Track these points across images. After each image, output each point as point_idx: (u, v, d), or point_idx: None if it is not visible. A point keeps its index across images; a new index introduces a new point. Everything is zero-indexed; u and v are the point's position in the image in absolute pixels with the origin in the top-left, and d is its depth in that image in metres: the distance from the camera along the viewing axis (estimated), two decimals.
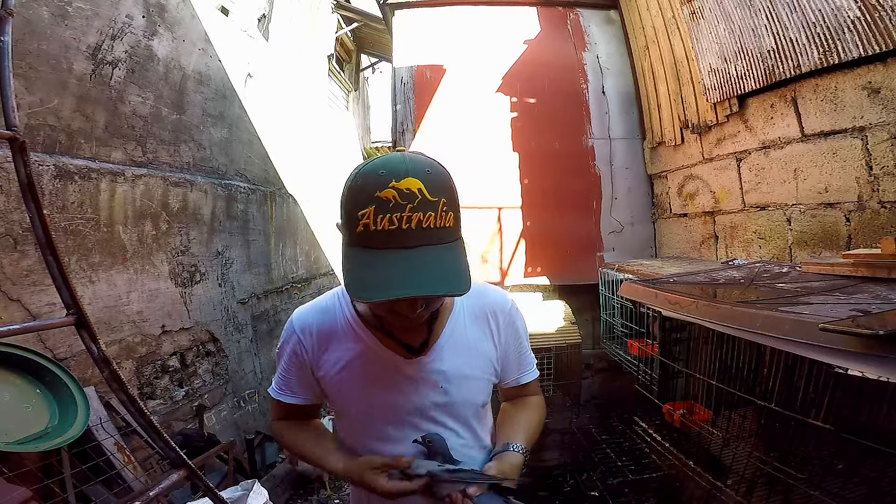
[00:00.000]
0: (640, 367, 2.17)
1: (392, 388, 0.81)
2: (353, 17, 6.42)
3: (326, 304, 0.87)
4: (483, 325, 0.87)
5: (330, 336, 0.83)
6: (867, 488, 1.22)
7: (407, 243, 0.63)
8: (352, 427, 0.86)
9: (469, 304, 0.88)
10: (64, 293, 1.11)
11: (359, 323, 0.83)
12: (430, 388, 0.82)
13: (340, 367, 0.82)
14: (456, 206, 0.68)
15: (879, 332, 0.76)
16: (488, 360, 0.87)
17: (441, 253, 0.65)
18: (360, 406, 0.83)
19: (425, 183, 0.63)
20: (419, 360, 0.81)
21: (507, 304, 0.91)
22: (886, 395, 1.14)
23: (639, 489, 2.20)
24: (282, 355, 0.88)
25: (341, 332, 0.83)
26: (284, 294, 4.15)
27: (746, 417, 1.57)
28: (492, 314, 0.88)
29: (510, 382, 0.94)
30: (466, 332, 0.85)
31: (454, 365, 0.83)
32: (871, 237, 1.75)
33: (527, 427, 0.91)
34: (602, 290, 2.77)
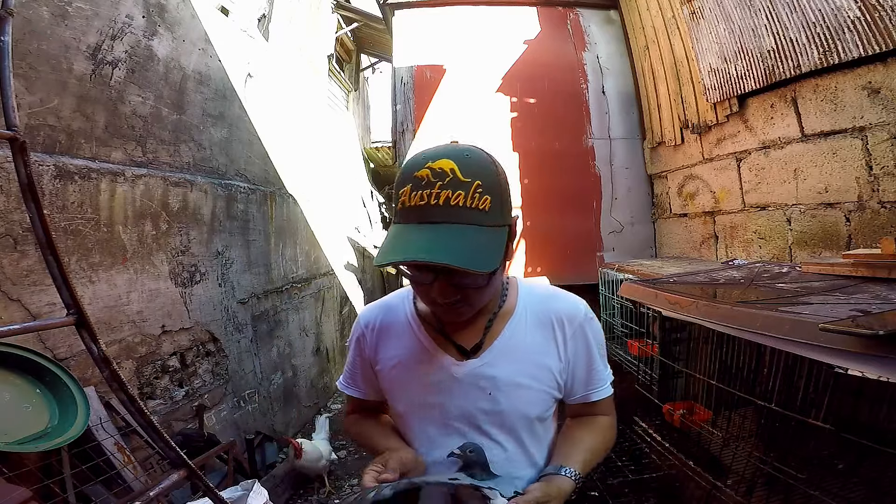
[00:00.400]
0: (640, 367, 2.17)
1: (439, 389, 0.79)
2: (353, 17, 6.42)
3: (392, 301, 0.90)
4: (547, 333, 0.81)
5: (389, 332, 0.86)
6: (867, 488, 1.22)
7: (432, 218, 0.64)
8: (401, 424, 0.87)
9: (534, 308, 0.83)
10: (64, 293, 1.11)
11: (417, 322, 0.84)
12: (478, 393, 0.78)
13: (394, 364, 0.83)
14: (497, 192, 0.67)
15: (879, 332, 0.76)
16: (548, 370, 0.80)
17: (466, 231, 0.64)
18: (407, 405, 0.83)
19: (459, 164, 0.65)
20: (469, 364, 0.78)
21: (578, 312, 0.84)
22: (886, 395, 1.14)
23: (639, 489, 2.20)
24: (350, 350, 0.91)
25: (401, 329, 0.85)
26: (284, 294, 4.15)
27: (746, 417, 1.57)
28: (558, 321, 0.81)
29: (576, 399, 0.85)
30: (526, 339, 0.80)
31: (507, 372, 0.77)
32: (871, 237, 1.75)
33: (587, 449, 0.81)
34: (602, 290, 2.77)
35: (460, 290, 0.69)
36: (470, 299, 0.71)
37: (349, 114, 7.12)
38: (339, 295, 5.62)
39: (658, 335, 1.98)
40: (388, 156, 7.88)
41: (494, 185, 0.67)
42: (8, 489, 1.27)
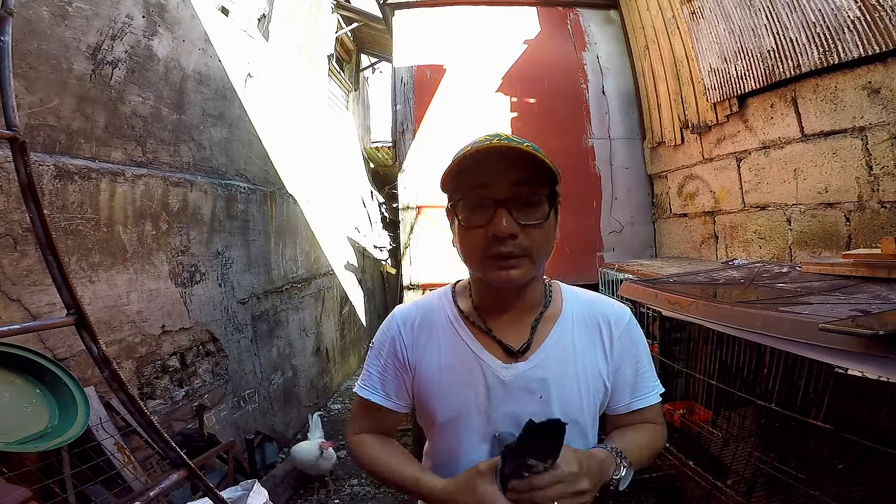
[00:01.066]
0: None
1: (487, 393, 0.74)
2: (353, 17, 6.42)
3: (429, 301, 0.84)
4: (594, 334, 0.79)
5: (430, 332, 0.80)
6: (867, 488, 1.22)
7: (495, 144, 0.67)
8: (440, 437, 0.78)
9: (581, 311, 0.81)
10: (64, 293, 1.11)
11: (460, 321, 0.79)
12: (528, 397, 0.73)
13: (436, 366, 0.77)
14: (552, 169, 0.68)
15: (879, 332, 0.76)
16: (597, 373, 0.77)
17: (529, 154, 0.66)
18: (451, 411, 0.75)
19: (511, 137, 0.69)
20: (518, 366, 0.74)
21: (625, 315, 0.82)
22: (886, 395, 1.14)
23: (639, 489, 2.20)
24: (377, 350, 0.82)
25: (441, 329, 0.79)
26: (284, 294, 4.15)
27: (746, 417, 1.57)
28: (605, 323, 0.80)
29: (622, 407, 0.80)
30: (574, 340, 0.77)
31: (558, 374, 0.74)
32: (871, 237, 1.75)
33: (633, 441, 0.77)
34: (602, 290, 2.77)
35: (521, 227, 0.67)
36: (528, 242, 0.68)
37: (349, 114, 7.12)
38: (339, 295, 5.62)
39: (658, 335, 1.98)
40: (388, 156, 7.87)
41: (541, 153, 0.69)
42: (8, 489, 1.27)
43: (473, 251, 0.71)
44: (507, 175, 0.67)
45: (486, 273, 0.71)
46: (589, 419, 0.77)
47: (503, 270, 0.69)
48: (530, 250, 0.69)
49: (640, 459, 0.76)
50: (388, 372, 0.81)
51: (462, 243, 0.73)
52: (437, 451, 0.80)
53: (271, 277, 3.95)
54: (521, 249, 0.68)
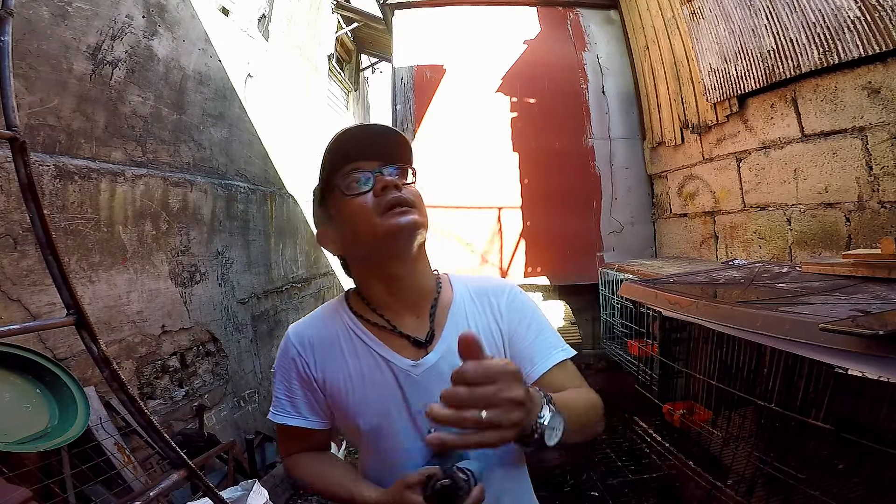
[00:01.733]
0: (640, 367, 2.17)
1: (402, 392, 0.75)
2: (353, 17, 6.42)
3: (323, 314, 0.83)
4: (486, 313, 0.82)
5: (332, 346, 0.78)
6: (867, 488, 1.22)
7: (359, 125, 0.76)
8: (369, 444, 0.77)
9: (469, 294, 0.84)
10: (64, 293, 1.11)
11: (359, 326, 0.79)
12: (441, 387, 0.73)
13: (344, 377, 0.76)
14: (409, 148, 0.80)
15: (879, 332, 0.76)
16: (497, 348, 0.79)
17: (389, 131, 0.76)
18: (373, 418, 0.75)
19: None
20: (427, 359, 0.75)
21: (506, 286, 0.86)
22: (886, 395, 1.14)
23: (639, 489, 2.20)
24: (281, 375, 0.81)
25: (343, 340, 0.78)
26: (284, 294, 4.15)
27: (746, 417, 1.57)
28: (492, 297, 0.83)
29: (531, 373, 0.77)
30: (469, 322, 0.80)
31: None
32: (871, 237, 1.75)
33: (562, 395, 0.69)
34: (602, 290, 2.77)
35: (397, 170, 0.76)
36: (410, 195, 0.74)
37: (349, 114, 7.12)
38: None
39: (658, 335, 1.98)
40: None
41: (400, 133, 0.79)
42: (8, 489, 1.27)
43: (365, 214, 0.72)
44: (373, 148, 0.76)
45: (386, 224, 0.71)
46: None
47: (402, 216, 0.71)
48: (415, 203, 0.74)
49: (568, 407, 0.64)
50: (297, 393, 0.79)
51: (353, 216, 0.74)
52: (369, 458, 0.78)
53: (271, 277, 3.95)
54: (408, 201, 0.73)
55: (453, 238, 3.21)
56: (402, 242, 0.73)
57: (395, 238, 0.72)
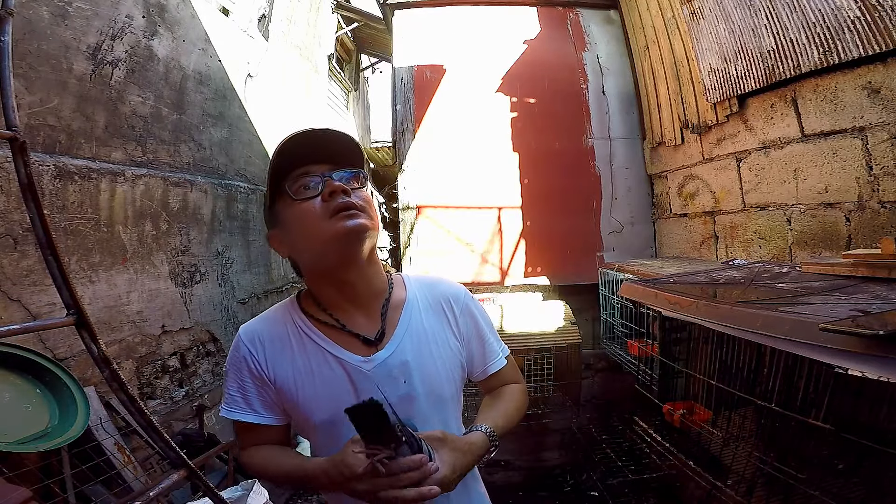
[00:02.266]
0: (640, 367, 2.17)
1: (353, 388, 0.76)
2: (353, 17, 6.42)
3: (274, 314, 0.85)
4: (440, 315, 0.86)
5: (282, 344, 0.80)
6: (867, 488, 1.22)
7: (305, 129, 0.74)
8: (319, 442, 0.80)
9: (422, 295, 0.87)
10: (64, 293, 1.11)
11: (310, 326, 0.80)
12: (392, 383, 0.77)
13: (294, 375, 0.78)
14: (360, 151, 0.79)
15: (879, 332, 0.76)
16: (449, 349, 0.84)
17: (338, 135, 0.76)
18: (323, 415, 0.76)
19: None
20: (378, 355, 0.78)
21: (460, 292, 0.90)
22: (886, 395, 1.14)
23: (639, 489, 2.20)
24: (234, 373, 0.81)
25: (294, 338, 0.80)
26: (284, 294, 4.15)
27: (746, 417, 1.57)
28: (446, 303, 0.87)
29: (479, 375, 0.90)
30: (424, 322, 0.83)
31: (416, 356, 0.79)
32: (871, 237, 1.75)
33: (500, 411, 0.87)
34: (602, 290, 2.77)
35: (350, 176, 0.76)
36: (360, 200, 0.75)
37: (349, 114, 7.12)
38: None
39: (658, 335, 1.98)
40: (388, 156, 7.87)
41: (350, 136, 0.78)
42: (8, 489, 1.27)
43: (313, 218, 0.73)
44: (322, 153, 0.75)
45: (333, 228, 0.72)
46: (451, 395, 0.83)
47: (350, 220, 0.72)
48: (365, 207, 0.75)
49: (509, 425, 0.86)
50: (249, 390, 0.80)
51: (302, 220, 0.74)
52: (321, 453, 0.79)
53: (271, 277, 3.95)
54: (357, 206, 0.74)
55: (453, 238, 3.21)
56: (351, 246, 0.74)
57: (343, 242, 0.73)
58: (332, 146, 0.76)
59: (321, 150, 0.75)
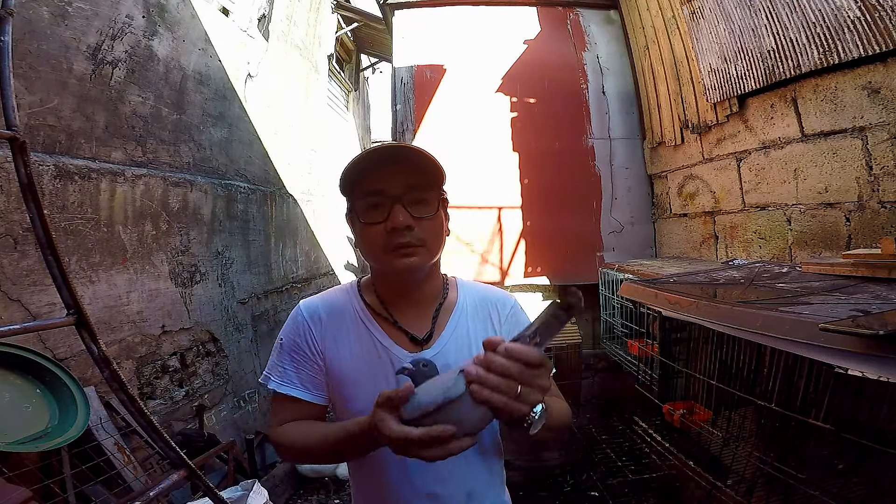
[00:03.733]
0: (640, 367, 2.17)
1: (396, 381, 0.77)
2: (353, 17, 6.41)
3: (335, 295, 0.87)
4: (485, 321, 0.87)
5: (339, 324, 0.82)
6: (867, 488, 1.22)
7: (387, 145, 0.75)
8: None
9: (473, 301, 0.88)
10: (64, 293, 1.11)
11: (366, 314, 0.83)
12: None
13: (347, 356, 0.80)
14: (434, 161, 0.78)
15: (879, 332, 0.76)
16: None
17: (416, 152, 0.75)
18: (362, 404, 0.77)
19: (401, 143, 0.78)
20: (426, 354, 0.79)
21: (509, 300, 0.91)
22: (886, 395, 1.14)
23: (639, 489, 2.20)
24: (287, 344, 0.82)
25: (350, 321, 0.82)
26: (285, 294, 4.15)
27: (746, 417, 1.57)
28: (493, 308, 0.88)
29: None
30: (470, 327, 0.85)
31: (457, 360, 0.80)
32: (871, 237, 1.75)
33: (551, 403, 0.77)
34: (602, 290, 2.77)
35: (415, 219, 0.75)
36: (422, 234, 0.75)
37: (349, 114, 7.12)
38: None
39: (658, 335, 1.97)
40: None
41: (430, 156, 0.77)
42: (8, 489, 1.27)
43: (375, 245, 0.76)
44: (399, 174, 0.75)
45: (389, 263, 0.76)
46: None
47: (404, 258, 0.75)
48: (425, 241, 0.76)
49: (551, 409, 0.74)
50: (301, 364, 0.81)
51: (364, 240, 0.77)
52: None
53: (271, 277, 3.95)
54: (417, 240, 0.75)
55: (453, 238, 3.21)
56: (404, 278, 0.79)
57: (397, 275, 0.78)
58: (408, 168, 0.76)
59: (396, 172, 0.75)
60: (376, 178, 0.75)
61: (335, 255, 5.55)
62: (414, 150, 0.75)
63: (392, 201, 0.74)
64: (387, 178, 0.75)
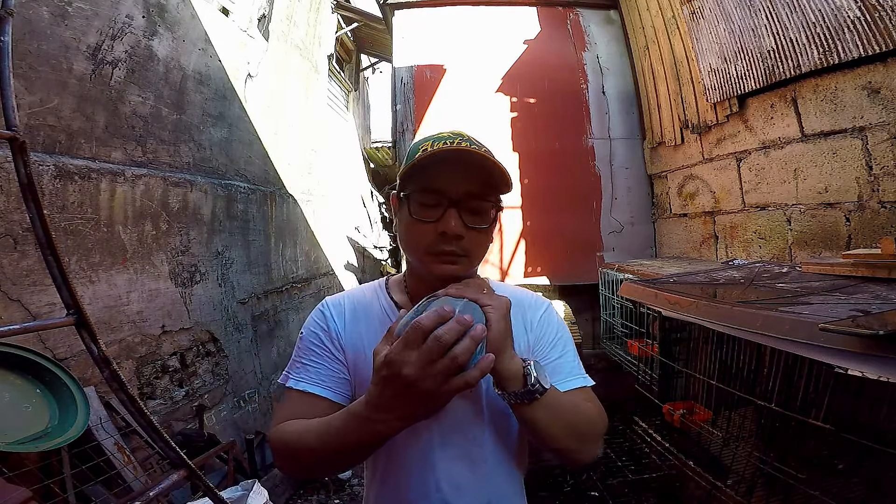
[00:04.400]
0: (640, 367, 2.17)
1: None
2: (353, 17, 6.42)
3: (361, 292, 0.86)
4: (518, 319, 0.81)
5: (366, 321, 0.80)
6: (867, 488, 1.22)
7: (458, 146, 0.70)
8: None
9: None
10: (64, 293, 1.11)
11: (395, 311, 0.80)
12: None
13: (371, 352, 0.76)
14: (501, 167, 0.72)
15: (879, 332, 0.76)
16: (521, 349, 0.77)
17: (487, 160, 0.70)
18: None
19: (471, 140, 0.74)
20: None
21: (543, 302, 0.89)
22: (886, 395, 1.14)
23: (639, 489, 2.20)
24: (307, 338, 0.79)
25: (377, 319, 0.80)
26: (284, 294, 4.15)
27: (746, 417, 1.57)
28: (530, 307, 0.86)
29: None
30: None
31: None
32: (871, 237, 1.75)
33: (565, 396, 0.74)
34: (602, 290, 2.77)
35: (467, 229, 0.71)
36: (470, 245, 0.72)
37: (349, 114, 7.12)
38: None
39: (658, 335, 1.97)
40: (388, 156, 7.88)
41: (499, 164, 0.73)
42: (8, 489, 1.27)
43: (419, 244, 0.73)
44: (463, 178, 0.71)
45: (429, 265, 0.73)
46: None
47: (446, 265, 0.72)
48: (471, 251, 0.74)
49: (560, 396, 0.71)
50: (323, 360, 0.77)
51: (409, 234, 0.75)
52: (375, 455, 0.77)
53: (271, 277, 3.95)
54: (463, 250, 0.72)
55: None
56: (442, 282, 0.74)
57: (435, 278, 0.74)
58: (473, 173, 0.71)
59: (460, 173, 0.71)
60: (438, 176, 0.71)
61: (335, 255, 5.55)
62: (485, 157, 0.70)
63: (449, 204, 0.71)
64: (449, 179, 0.71)
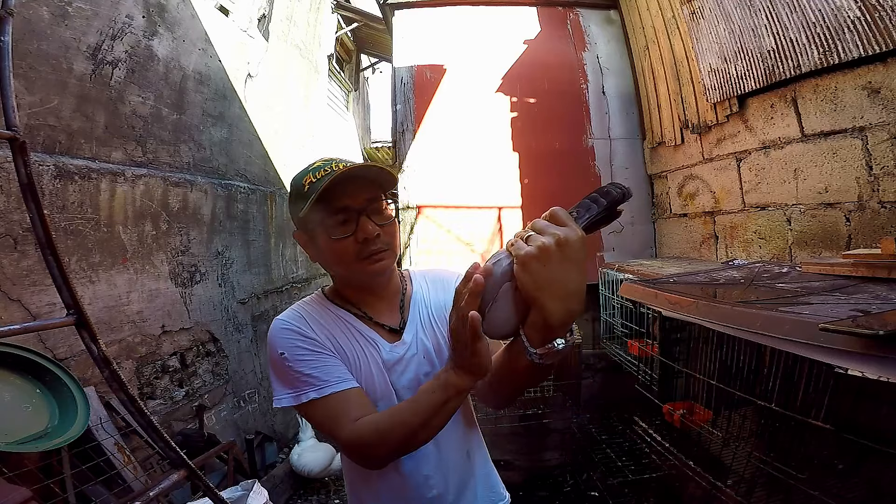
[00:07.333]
0: (640, 367, 2.17)
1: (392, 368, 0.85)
2: (353, 17, 6.41)
3: (305, 304, 0.91)
4: (438, 290, 0.96)
5: (324, 322, 0.86)
6: (867, 488, 1.22)
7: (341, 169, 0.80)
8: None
9: (425, 284, 0.98)
10: (64, 293, 1.11)
11: (346, 313, 0.88)
12: (417, 363, 0.86)
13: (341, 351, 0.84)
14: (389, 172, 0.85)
15: (879, 332, 0.76)
16: (446, 316, 0.90)
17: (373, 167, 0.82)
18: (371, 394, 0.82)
19: (343, 160, 0.85)
20: (406, 339, 0.88)
21: (456, 273, 0.98)
22: (886, 395, 1.14)
23: (639, 489, 2.20)
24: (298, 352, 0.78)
25: (332, 321, 0.87)
26: (284, 294, 4.15)
27: (746, 417, 1.57)
28: (447, 280, 0.98)
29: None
30: (431, 303, 0.94)
31: (432, 337, 0.89)
32: (871, 237, 1.75)
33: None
34: (602, 290, 2.77)
35: (380, 227, 0.81)
36: (388, 238, 0.83)
37: (349, 114, 7.12)
38: None
39: (658, 335, 1.97)
40: (388, 156, 7.87)
41: (382, 167, 0.84)
42: (8, 489, 1.27)
43: (347, 256, 0.82)
44: (359, 190, 0.81)
45: (364, 269, 0.83)
46: None
47: (378, 263, 0.83)
48: (391, 243, 0.85)
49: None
50: (329, 360, 0.80)
51: (334, 253, 0.82)
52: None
53: (271, 277, 3.95)
54: (385, 244, 0.83)
55: (453, 238, 3.21)
56: (378, 280, 0.88)
57: (372, 279, 0.86)
58: (367, 182, 0.83)
59: (357, 186, 0.81)
60: (338, 197, 0.79)
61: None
62: (366, 167, 0.81)
63: (358, 214, 0.80)
64: (349, 195, 0.80)
